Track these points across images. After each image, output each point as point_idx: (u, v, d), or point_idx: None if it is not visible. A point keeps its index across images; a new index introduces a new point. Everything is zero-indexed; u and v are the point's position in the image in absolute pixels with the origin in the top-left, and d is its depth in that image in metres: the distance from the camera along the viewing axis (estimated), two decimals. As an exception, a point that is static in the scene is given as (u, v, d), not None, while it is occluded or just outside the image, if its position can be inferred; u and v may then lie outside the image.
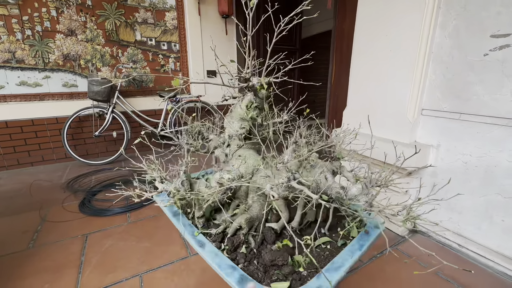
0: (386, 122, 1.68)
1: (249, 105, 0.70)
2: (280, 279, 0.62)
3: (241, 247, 0.67)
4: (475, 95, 1.32)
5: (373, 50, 1.70)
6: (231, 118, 0.75)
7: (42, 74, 2.76)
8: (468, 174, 1.39)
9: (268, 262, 0.64)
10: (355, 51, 1.84)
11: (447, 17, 1.38)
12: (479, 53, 1.27)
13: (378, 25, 1.64)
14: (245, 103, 0.69)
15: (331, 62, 2.28)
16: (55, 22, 2.71)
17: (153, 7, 3.15)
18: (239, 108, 0.72)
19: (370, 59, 1.73)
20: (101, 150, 3.14)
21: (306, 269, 0.66)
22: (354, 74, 1.88)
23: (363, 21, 1.75)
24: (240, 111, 0.71)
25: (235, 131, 0.72)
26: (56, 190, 2.24)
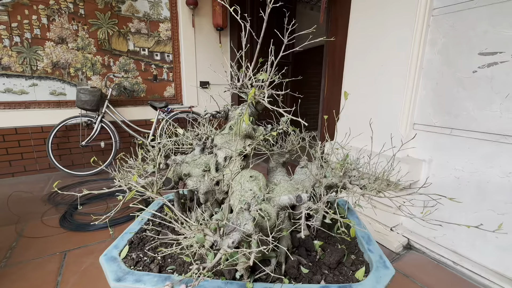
0: (379, 137, 1.68)
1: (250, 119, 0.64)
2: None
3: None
4: (465, 110, 1.33)
5: (365, 65, 1.72)
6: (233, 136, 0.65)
7: (29, 81, 2.68)
8: (461, 190, 1.38)
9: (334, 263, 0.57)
10: (347, 66, 1.86)
11: (436, 35, 1.41)
12: (468, 70, 1.29)
13: (370, 41, 1.66)
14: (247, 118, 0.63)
15: (324, 76, 2.30)
16: (45, 30, 2.66)
17: (147, 18, 3.15)
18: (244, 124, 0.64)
19: (362, 74, 1.74)
20: (87, 161, 3.02)
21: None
22: (347, 88, 1.89)
23: (354, 37, 1.78)
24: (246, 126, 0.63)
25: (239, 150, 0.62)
26: (36, 203, 2.12)
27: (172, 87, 3.47)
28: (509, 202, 1.21)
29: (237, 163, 0.61)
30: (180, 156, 0.71)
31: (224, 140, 0.65)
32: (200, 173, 0.70)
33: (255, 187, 0.55)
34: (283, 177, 0.66)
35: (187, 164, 0.67)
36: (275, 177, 0.66)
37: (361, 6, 1.70)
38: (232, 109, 0.70)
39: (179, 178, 0.77)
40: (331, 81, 2.24)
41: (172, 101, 3.49)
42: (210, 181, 0.62)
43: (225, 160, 0.63)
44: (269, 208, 0.49)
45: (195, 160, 0.72)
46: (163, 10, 3.21)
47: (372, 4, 1.62)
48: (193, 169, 0.72)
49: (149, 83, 3.30)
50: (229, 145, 0.64)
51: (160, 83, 3.37)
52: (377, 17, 1.61)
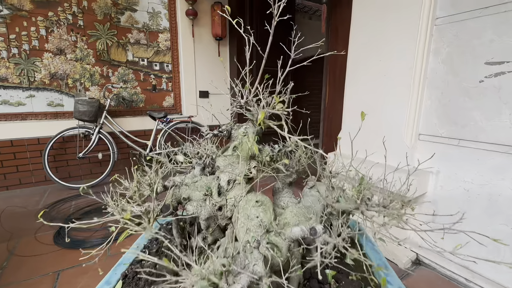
0: (383, 147, 1.64)
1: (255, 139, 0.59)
2: None
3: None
4: (472, 121, 1.29)
5: (367, 75, 1.69)
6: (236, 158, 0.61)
7: (26, 93, 2.64)
8: (471, 203, 1.33)
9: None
10: (348, 75, 1.84)
11: (440, 44, 1.38)
12: (475, 79, 1.26)
13: (372, 50, 1.64)
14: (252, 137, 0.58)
15: (325, 85, 2.28)
16: (44, 41, 2.65)
17: (147, 28, 3.15)
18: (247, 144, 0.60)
19: (364, 84, 1.72)
20: (84, 173, 2.96)
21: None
22: (348, 97, 1.86)
23: (356, 46, 1.76)
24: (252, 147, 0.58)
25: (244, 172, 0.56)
26: (30, 218, 2.05)
27: (171, 97, 3.45)
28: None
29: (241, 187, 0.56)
30: (179, 176, 0.66)
31: (227, 162, 0.61)
32: (201, 196, 0.65)
33: (261, 214, 0.50)
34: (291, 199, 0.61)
35: (186, 187, 0.62)
36: (282, 199, 0.61)
37: (362, 15, 1.69)
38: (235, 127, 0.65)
39: (178, 203, 0.71)
40: (332, 90, 2.22)
41: (171, 111, 3.45)
42: (212, 206, 0.57)
43: (228, 184, 0.58)
44: (279, 242, 0.45)
45: (196, 182, 0.68)
46: (162, 21, 3.22)
47: (374, 14, 1.61)
48: (193, 192, 0.67)
49: (148, 93, 3.28)
50: (233, 167, 0.59)
51: (159, 93, 3.35)
52: (378, 27, 1.59)
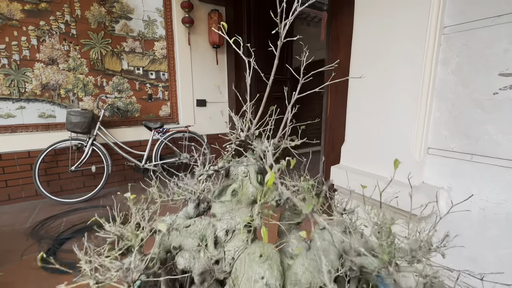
0: (390, 161, 1.56)
1: (258, 179, 0.50)
2: None
3: None
4: (486, 134, 1.21)
5: (371, 85, 1.61)
6: (235, 204, 0.51)
7: (16, 104, 2.55)
8: (487, 222, 1.24)
9: None
10: (352, 85, 1.76)
11: (449, 54, 1.31)
12: (488, 91, 1.19)
13: (376, 59, 1.57)
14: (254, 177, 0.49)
15: (326, 94, 2.20)
16: (35, 51, 2.57)
17: (142, 37, 3.08)
18: (251, 187, 0.51)
19: (369, 94, 1.64)
20: (77, 186, 2.85)
21: None
22: (352, 108, 1.78)
23: (359, 54, 1.68)
24: (253, 190, 0.49)
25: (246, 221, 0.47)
26: (18, 238, 1.94)
27: (168, 106, 3.36)
28: (546, 238, 1.07)
29: (242, 237, 0.47)
30: (169, 216, 0.56)
31: (225, 210, 0.52)
32: (194, 245, 0.55)
33: (267, 272, 0.41)
34: (300, 243, 0.52)
35: (177, 233, 0.53)
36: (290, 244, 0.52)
37: (365, 23, 1.62)
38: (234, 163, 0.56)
39: (167, 252, 0.61)
40: (334, 99, 2.14)
41: (168, 121, 3.36)
42: (207, 259, 0.48)
43: (226, 234, 0.49)
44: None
45: (188, 227, 0.58)
46: (158, 29, 3.15)
47: (377, 22, 1.54)
48: (185, 240, 0.57)
49: (143, 102, 3.19)
50: (232, 215, 0.50)
51: (155, 102, 3.27)
52: (383, 35, 1.52)
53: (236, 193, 0.51)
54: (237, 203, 0.51)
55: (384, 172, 1.59)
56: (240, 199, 0.50)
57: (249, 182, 0.49)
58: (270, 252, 0.44)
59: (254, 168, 0.52)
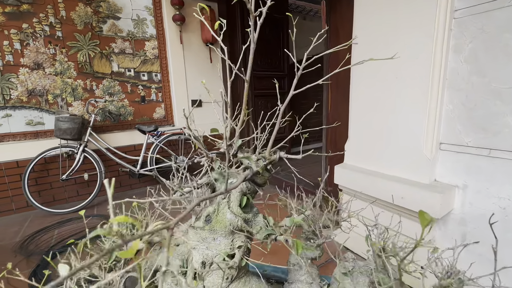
0: (398, 159, 1.45)
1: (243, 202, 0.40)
2: None
3: None
4: (506, 127, 1.10)
5: (376, 77, 1.50)
6: (209, 233, 0.40)
7: (1, 112, 2.43)
8: (509, 223, 1.14)
9: None
10: (353, 80, 1.65)
11: (461, 40, 1.20)
12: (507, 79, 1.08)
13: (380, 49, 1.46)
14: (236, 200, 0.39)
15: (326, 89, 2.09)
16: (18, 55, 2.44)
17: (132, 37, 2.95)
18: (228, 213, 0.42)
19: (373, 87, 1.53)
20: (70, 195, 2.74)
21: None
22: (355, 102, 1.67)
23: (361, 44, 1.57)
24: (232, 217, 0.39)
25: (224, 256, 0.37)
26: (5, 254, 1.83)
27: (162, 108, 3.24)
28: None
29: (220, 273, 0.36)
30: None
31: (200, 237, 0.41)
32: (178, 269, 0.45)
33: None
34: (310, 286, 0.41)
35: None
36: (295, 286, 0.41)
37: (367, 10, 1.51)
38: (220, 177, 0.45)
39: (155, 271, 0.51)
40: (335, 94, 2.03)
41: (163, 123, 3.25)
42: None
43: (203, 266, 0.38)
44: None
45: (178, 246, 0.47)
46: (148, 28, 3.02)
47: (381, 8, 1.42)
48: (173, 260, 0.47)
49: (136, 105, 3.07)
50: (207, 244, 0.40)
51: (148, 104, 3.14)
52: (387, 22, 1.40)
53: (210, 219, 0.40)
54: (212, 232, 0.40)
55: (392, 171, 1.48)
56: (214, 227, 0.39)
57: (226, 207, 0.38)
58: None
59: (240, 187, 0.41)
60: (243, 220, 0.40)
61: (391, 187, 1.41)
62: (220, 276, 0.37)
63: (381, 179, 1.48)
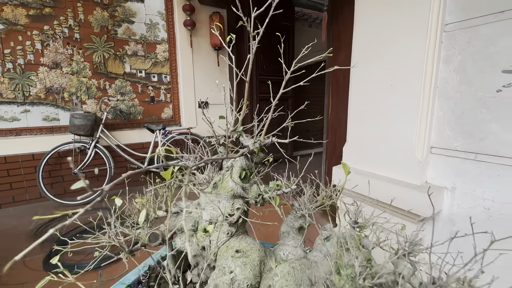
0: (392, 161, 1.53)
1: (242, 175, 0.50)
2: None
3: None
4: (491, 133, 1.19)
5: (373, 85, 1.60)
6: (215, 196, 0.54)
7: (21, 108, 2.58)
8: (493, 223, 1.21)
9: None
10: (352, 85, 1.75)
11: (451, 51, 1.29)
12: (492, 89, 1.16)
13: (377, 59, 1.55)
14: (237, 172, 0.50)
15: (327, 95, 2.19)
16: (39, 55, 2.60)
17: (144, 40, 3.11)
18: (230, 182, 0.52)
19: (370, 94, 1.62)
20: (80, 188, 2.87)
21: None
22: (353, 108, 1.76)
23: (360, 54, 1.67)
24: (233, 185, 0.50)
25: (226, 214, 0.50)
26: (21, 240, 1.95)
27: (170, 108, 3.38)
28: (554, 240, 1.04)
29: (223, 228, 0.46)
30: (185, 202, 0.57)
31: (208, 200, 0.51)
32: (190, 230, 0.55)
33: (238, 269, 0.40)
34: (295, 250, 0.51)
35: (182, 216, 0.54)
36: (284, 248, 0.51)
37: (366, 23, 1.61)
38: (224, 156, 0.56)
39: (173, 232, 0.62)
40: (336, 99, 2.13)
41: (170, 123, 3.38)
42: (196, 245, 0.48)
43: (210, 223, 0.49)
44: None
45: (191, 213, 0.58)
46: (160, 32, 3.17)
47: (378, 21, 1.53)
48: (188, 224, 0.57)
49: (146, 105, 3.21)
50: (213, 206, 0.50)
51: (157, 104, 3.28)
52: (383, 34, 1.51)
53: (216, 185, 0.51)
54: (217, 196, 0.50)
55: (386, 172, 1.56)
56: (219, 192, 0.49)
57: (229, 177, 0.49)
58: (249, 250, 0.43)
59: (240, 163, 0.52)
60: (242, 188, 0.50)
61: (384, 187, 1.49)
62: (223, 232, 0.47)
63: (375, 180, 1.56)
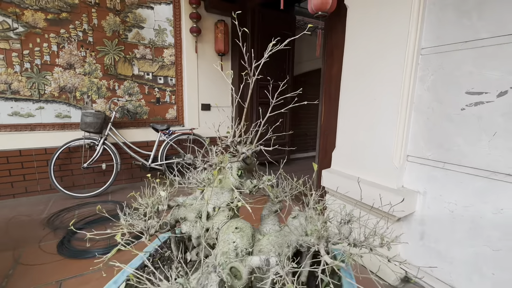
0: (374, 167, 1.71)
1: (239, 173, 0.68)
2: None
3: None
4: (456, 145, 1.37)
5: (359, 97, 1.78)
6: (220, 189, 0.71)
7: (36, 105, 2.77)
8: (455, 224, 1.39)
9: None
10: (342, 96, 1.93)
11: (426, 72, 1.47)
12: (457, 107, 1.34)
13: (363, 75, 1.74)
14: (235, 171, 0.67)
15: (321, 103, 2.37)
16: (55, 56, 2.79)
17: (153, 44, 3.30)
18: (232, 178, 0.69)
19: (356, 106, 1.80)
20: (88, 182, 3.06)
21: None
22: (342, 118, 1.95)
23: (348, 69, 1.85)
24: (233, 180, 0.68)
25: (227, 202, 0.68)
26: (35, 227, 2.14)
27: (174, 109, 3.56)
28: (503, 238, 1.21)
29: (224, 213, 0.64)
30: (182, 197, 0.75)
31: (214, 192, 0.69)
32: (194, 218, 0.73)
33: (238, 240, 0.58)
34: (274, 227, 0.69)
35: (184, 208, 0.71)
36: (265, 226, 0.69)
37: (354, 43, 1.80)
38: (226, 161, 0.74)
39: (176, 221, 0.80)
40: (328, 107, 2.31)
41: (174, 123, 3.56)
42: (201, 227, 0.66)
43: (214, 210, 0.66)
44: (241, 267, 0.52)
45: (192, 205, 0.76)
46: (167, 37, 3.37)
47: (364, 41, 1.71)
48: (189, 214, 0.75)
49: (152, 105, 3.40)
50: (218, 197, 0.68)
51: (162, 105, 3.47)
52: (369, 53, 1.69)
53: (221, 181, 0.69)
54: (221, 189, 0.68)
55: (368, 176, 1.74)
56: (223, 186, 0.67)
57: (230, 174, 0.66)
58: (244, 227, 0.61)
59: (237, 165, 0.70)
60: (239, 182, 0.68)
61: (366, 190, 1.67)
62: (223, 216, 0.64)
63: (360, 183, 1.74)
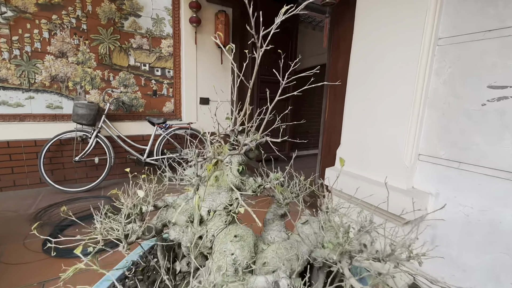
0: (382, 166, 1.61)
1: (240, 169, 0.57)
2: None
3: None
4: (474, 144, 1.26)
5: (368, 93, 1.67)
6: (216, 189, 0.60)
7: (25, 94, 2.64)
8: (471, 228, 1.29)
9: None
10: (348, 92, 1.82)
11: (442, 64, 1.36)
12: (477, 102, 1.24)
13: (373, 67, 1.62)
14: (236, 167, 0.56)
15: (325, 99, 2.26)
16: (46, 44, 2.65)
17: (150, 34, 3.16)
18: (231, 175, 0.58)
19: (364, 101, 1.69)
20: (80, 176, 2.93)
21: None
22: (348, 114, 1.83)
23: (357, 62, 1.74)
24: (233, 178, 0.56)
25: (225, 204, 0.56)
26: (21, 222, 2.02)
27: (172, 103, 3.44)
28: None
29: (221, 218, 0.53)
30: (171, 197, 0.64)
31: (209, 192, 0.58)
32: (185, 222, 0.62)
33: (238, 251, 0.47)
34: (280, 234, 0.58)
35: (173, 210, 0.60)
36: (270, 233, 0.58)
37: (364, 32, 1.68)
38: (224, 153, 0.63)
39: (163, 225, 0.69)
40: (332, 104, 2.20)
41: (171, 117, 3.44)
42: (192, 234, 0.55)
43: (208, 214, 0.55)
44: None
45: (180, 206, 0.65)
46: (165, 27, 3.23)
47: (375, 31, 1.60)
48: (179, 216, 0.64)
49: (148, 98, 3.27)
50: (213, 197, 0.57)
51: (159, 98, 3.34)
52: (380, 44, 1.57)
53: (218, 179, 0.58)
54: (218, 188, 0.57)
55: (376, 176, 1.64)
56: (221, 184, 0.56)
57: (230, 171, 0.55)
58: (245, 235, 0.50)
59: (238, 159, 0.58)
60: (240, 181, 0.57)
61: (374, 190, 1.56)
62: (220, 221, 0.53)
63: (365, 182, 1.64)
